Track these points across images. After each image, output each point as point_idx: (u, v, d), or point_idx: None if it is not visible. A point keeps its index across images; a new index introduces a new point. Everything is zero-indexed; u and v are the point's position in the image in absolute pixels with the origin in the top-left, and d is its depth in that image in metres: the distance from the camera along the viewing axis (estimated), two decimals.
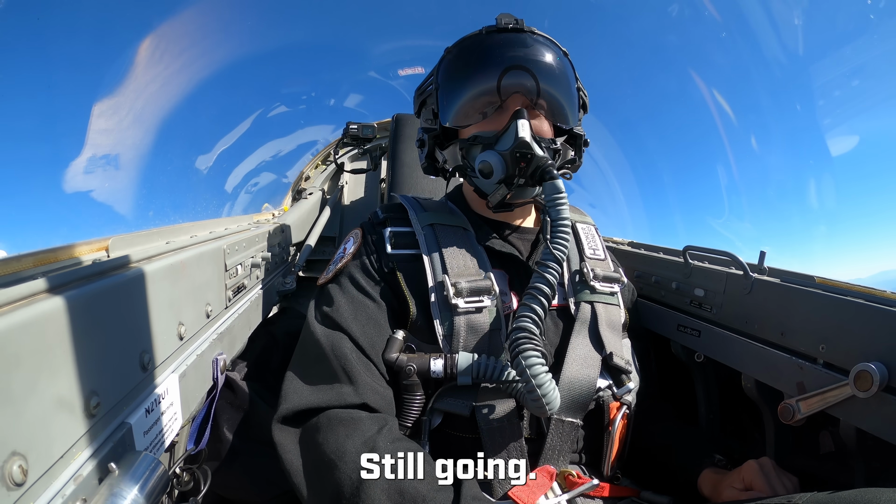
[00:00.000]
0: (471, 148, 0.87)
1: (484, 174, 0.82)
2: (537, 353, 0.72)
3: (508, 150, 0.80)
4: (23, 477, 0.38)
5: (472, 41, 0.89)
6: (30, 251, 0.60)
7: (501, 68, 0.83)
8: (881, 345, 0.75)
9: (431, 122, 0.92)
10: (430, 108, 0.92)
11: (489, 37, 0.88)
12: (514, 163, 0.80)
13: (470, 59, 0.87)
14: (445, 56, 0.92)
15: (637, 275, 1.38)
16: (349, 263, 0.88)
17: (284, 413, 0.76)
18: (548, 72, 0.87)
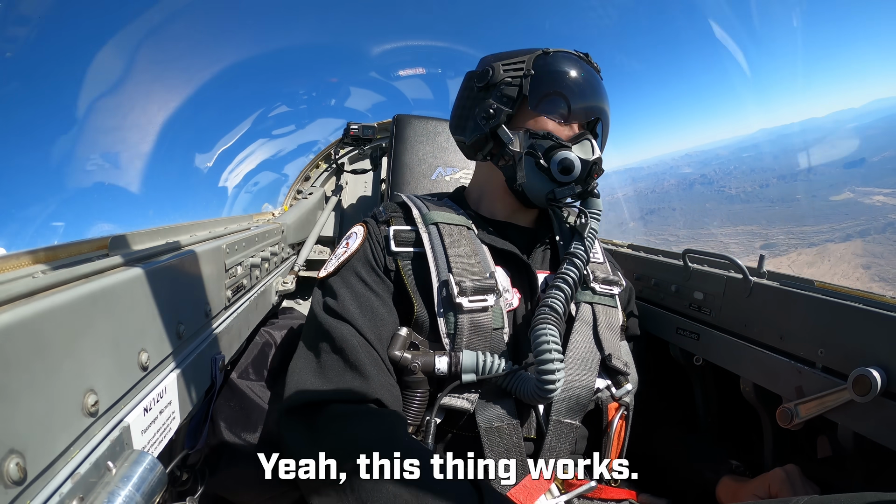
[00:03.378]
0: (542, 140, 0.90)
1: (563, 171, 0.88)
2: (555, 332, 0.78)
3: (590, 160, 0.89)
4: (20, 475, 0.38)
5: (573, 56, 0.96)
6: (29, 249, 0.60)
7: (597, 95, 0.94)
8: (880, 349, 0.75)
9: (507, 102, 0.93)
10: (515, 88, 0.92)
11: (586, 63, 0.96)
12: (588, 171, 0.89)
13: (574, 69, 0.94)
14: (544, 53, 0.95)
15: (636, 277, 1.38)
16: (353, 258, 0.88)
17: (292, 405, 0.76)
18: (608, 116, 0.98)
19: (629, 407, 0.90)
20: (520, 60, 0.95)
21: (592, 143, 0.90)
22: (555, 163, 0.88)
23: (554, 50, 0.96)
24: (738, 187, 60.61)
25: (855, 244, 29.51)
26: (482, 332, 0.82)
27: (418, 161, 1.94)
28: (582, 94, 0.94)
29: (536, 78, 0.93)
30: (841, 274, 25.68)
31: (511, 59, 0.95)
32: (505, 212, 1.01)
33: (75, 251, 0.66)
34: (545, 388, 0.75)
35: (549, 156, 0.89)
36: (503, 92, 0.94)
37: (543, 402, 0.81)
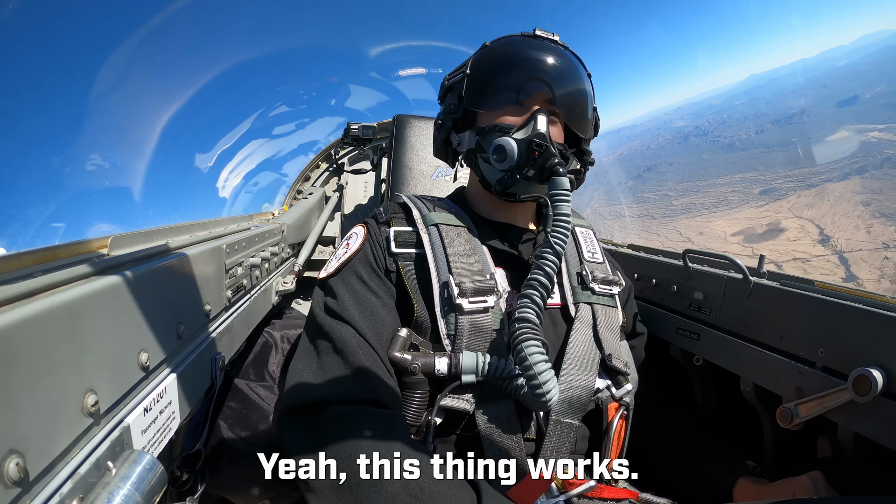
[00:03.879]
0: (487, 135, 0.89)
1: (498, 158, 0.85)
2: (538, 343, 0.74)
3: (526, 138, 0.84)
4: (20, 475, 0.38)
5: (508, 40, 0.93)
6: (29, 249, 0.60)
7: (533, 69, 0.88)
8: (880, 350, 0.75)
9: (455, 107, 0.95)
10: (457, 92, 0.94)
11: (525, 40, 0.92)
12: (528, 151, 0.84)
13: (504, 54, 0.91)
14: (481, 49, 0.95)
15: (637, 277, 1.39)
16: (353, 259, 0.88)
17: (292, 405, 0.75)
18: (571, 83, 0.91)
19: (629, 407, 0.90)
20: (462, 65, 0.97)
21: (537, 119, 0.85)
22: (490, 153, 0.87)
23: (493, 40, 0.95)
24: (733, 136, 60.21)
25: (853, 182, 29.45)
26: (482, 334, 0.82)
27: (418, 161, 1.94)
28: (518, 73, 0.89)
29: (472, 76, 0.93)
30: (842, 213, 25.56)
31: (457, 67, 0.98)
32: (498, 211, 1.01)
33: (75, 251, 0.66)
34: (541, 402, 0.75)
35: (487, 147, 0.88)
36: (448, 100, 0.97)
37: (543, 409, 0.81)
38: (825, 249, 22.80)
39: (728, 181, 40.74)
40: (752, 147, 51.59)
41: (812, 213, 27.47)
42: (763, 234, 27.05)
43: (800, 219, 27.55)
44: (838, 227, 24.34)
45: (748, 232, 28.05)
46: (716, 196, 37.04)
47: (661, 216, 37.64)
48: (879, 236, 22.46)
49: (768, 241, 25.84)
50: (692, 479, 0.92)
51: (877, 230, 23.05)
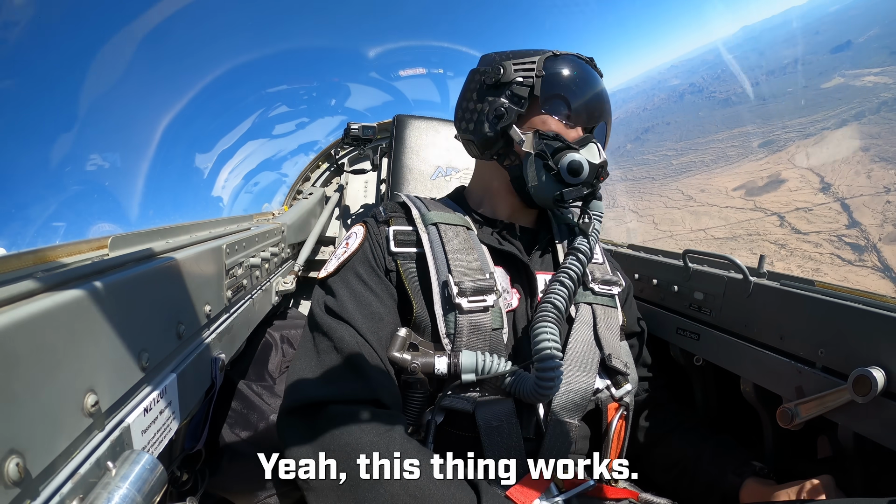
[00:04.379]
0: (551, 142, 0.90)
1: (573, 172, 0.89)
2: (555, 330, 0.79)
3: (597, 163, 0.90)
4: (20, 475, 0.38)
5: (582, 62, 0.97)
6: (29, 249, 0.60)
7: (603, 101, 0.96)
8: (880, 350, 0.75)
9: (519, 102, 0.93)
10: (526, 88, 0.93)
11: (592, 69, 0.98)
12: (595, 174, 0.90)
13: (583, 75, 0.95)
14: (554, 55, 0.95)
15: (637, 277, 1.39)
16: (353, 259, 0.88)
17: (291, 405, 0.75)
18: (610, 121, 1.01)
19: (629, 407, 0.90)
20: (531, 61, 0.94)
21: (598, 147, 0.92)
22: (563, 164, 0.88)
23: (562, 52, 0.97)
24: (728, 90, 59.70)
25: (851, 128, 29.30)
26: (481, 333, 0.82)
27: (418, 161, 1.94)
28: (589, 98, 0.95)
29: (547, 79, 0.93)
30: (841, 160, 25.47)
31: (521, 59, 0.95)
32: (506, 212, 1.01)
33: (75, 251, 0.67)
34: (544, 386, 0.75)
35: (558, 157, 0.89)
36: (514, 91, 0.93)
37: (543, 401, 0.81)
38: (827, 197, 22.68)
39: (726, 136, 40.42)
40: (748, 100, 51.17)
41: (812, 162, 27.28)
42: (764, 186, 26.89)
43: (800, 168, 27.39)
44: (839, 174, 24.17)
45: (749, 185, 27.92)
46: (715, 152, 36.83)
47: (661, 177, 37.48)
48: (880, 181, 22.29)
49: (769, 193, 25.68)
50: (698, 480, 0.91)
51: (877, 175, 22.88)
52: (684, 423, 1.00)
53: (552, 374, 0.75)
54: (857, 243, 18.95)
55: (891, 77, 35.80)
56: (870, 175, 23.18)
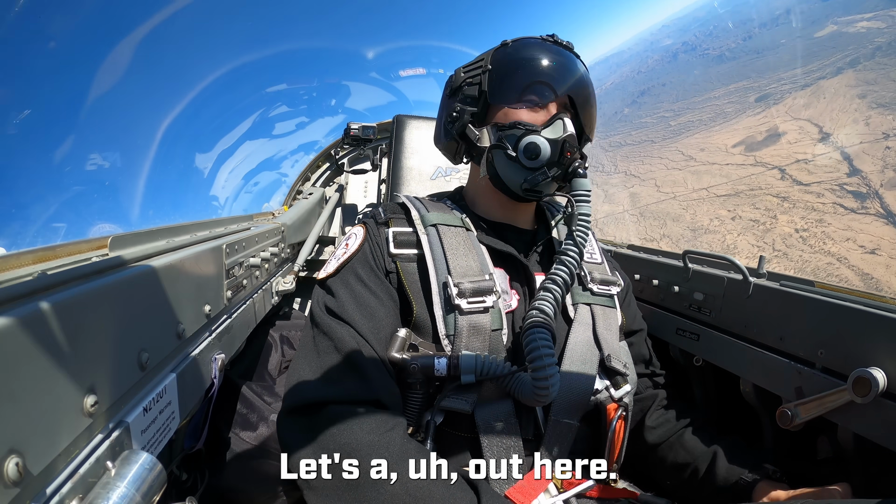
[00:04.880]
0: (510, 131, 0.89)
1: (529, 156, 0.86)
2: (547, 334, 0.76)
3: (559, 139, 0.85)
4: (20, 475, 0.38)
5: (531, 42, 0.95)
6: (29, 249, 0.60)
7: (559, 73, 0.91)
8: (880, 350, 0.75)
9: (472, 101, 0.94)
10: (475, 86, 0.94)
11: (546, 44, 0.94)
12: (560, 151, 0.85)
13: (530, 55, 0.92)
14: (501, 46, 0.95)
15: (637, 278, 1.39)
16: (353, 259, 0.88)
17: (292, 405, 0.75)
18: (588, 91, 0.95)
19: (628, 408, 0.90)
20: (479, 59, 0.96)
21: (564, 122, 0.87)
22: (520, 149, 0.87)
23: (513, 40, 0.96)
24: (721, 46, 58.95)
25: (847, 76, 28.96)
26: (481, 334, 0.82)
27: (418, 161, 1.94)
28: (544, 75, 0.91)
29: (494, 71, 0.93)
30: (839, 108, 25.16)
31: (472, 62, 0.97)
32: (499, 210, 1.00)
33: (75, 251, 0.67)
34: (541, 392, 0.75)
35: (517, 144, 0.88)
36: (465, 93, 0.95)
37: (541, 404, 0.81)
38: (826, 147, 22.44)
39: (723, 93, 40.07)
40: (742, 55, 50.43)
41: (809, 113, 26.96)
42: (763, 140, 26.61)
43: (798, 120, 26.99)
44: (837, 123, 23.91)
45: (748, 141, 27.68)
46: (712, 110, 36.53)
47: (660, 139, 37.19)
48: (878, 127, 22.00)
49: (769, 147, 25.42)
50: (709, 481, 0.90)
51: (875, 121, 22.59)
52: (694, 423, 0.98)
53: (547, 381, 0.74)
54: (858, 191, 18.69)
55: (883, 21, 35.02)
56: (868, 122, 22.87)
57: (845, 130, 23.09)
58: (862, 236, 16.42)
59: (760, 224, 19.36)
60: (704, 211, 22.30)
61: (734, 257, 1.08)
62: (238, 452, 1.04)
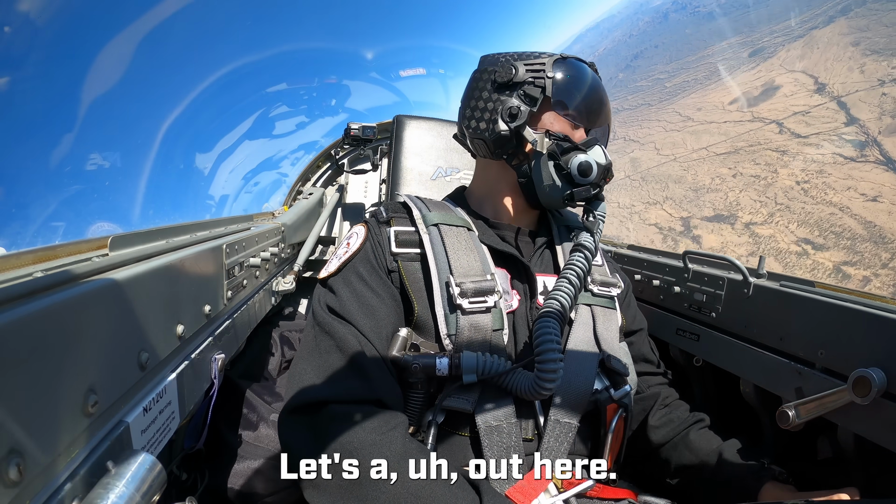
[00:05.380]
0: (561, 143, 0.92)
1: (582, 172, 0.91)
2: (556, 327, 0.79)
3: (604, 164, 0.92)
4: (20, 475, 0.38)
5: (586, 65, 1.00)
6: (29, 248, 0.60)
7: (603, 101, 0.99)
8: (880, 351, 0.75)
9: (531, 102, 0.94)
10: (538, 88, 0.94)
11: (594, 73, 1.01)
12: (604, 175, 0.92)
13: (590, 79, 0.98)
14: (562, 57, 0.98)
15: (637, 278, 1.39)
16: (354, 258, 0.88)
17: (293, 405, 0.75)
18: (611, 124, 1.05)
19: (628, 408, 0.90)
20: (540, 62, 0.95)
21: (603, 149, 0.93)
22: (574, 165, 0.90)
23: (568, 56, 0.99)
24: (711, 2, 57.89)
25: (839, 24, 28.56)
26: (482, 334, 0.82)
27: (418, 161, 1.93)
28: (593, 100, 0.97)
29: (557, 80, 0.94)
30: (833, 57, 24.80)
31: (531, 60, 0.95)
32: (509, 213, 1.00)
33: (75, 251, 0.66)
34: (544, 378, 0.75)
35: (567, 158, 0.91)
36: (526, 91, 0.93)
37: (542, 397, 0.80)
38: (822, 98, 22.25)
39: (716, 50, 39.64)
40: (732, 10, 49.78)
41: (804, 64, 26.63)
42: (759, 95, 26.38)
43: (793, 72, 26.66)
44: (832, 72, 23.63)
45: (745, 97, 27.44)
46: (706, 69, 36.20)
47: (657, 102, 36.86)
48: (873, 73, 21.72)
49: (766, 102, 25.16)
50: (715, 482, 0.89)
51: (870, 68, 22.31)
52: (698, 423, 0.98)
53: (553, 365, 0.75)
54: (857, 139, 18.63)
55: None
56: (863, 69, 22.62)
57: (840, 79, 22.80)
58: (863, 184, 16.30)
59: (761, 179, 19.24)
60: (705, 170, 22.17)
61: (734, 257, 1.08)
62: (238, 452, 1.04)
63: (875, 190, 15.86)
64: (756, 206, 17.87)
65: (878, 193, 15.62)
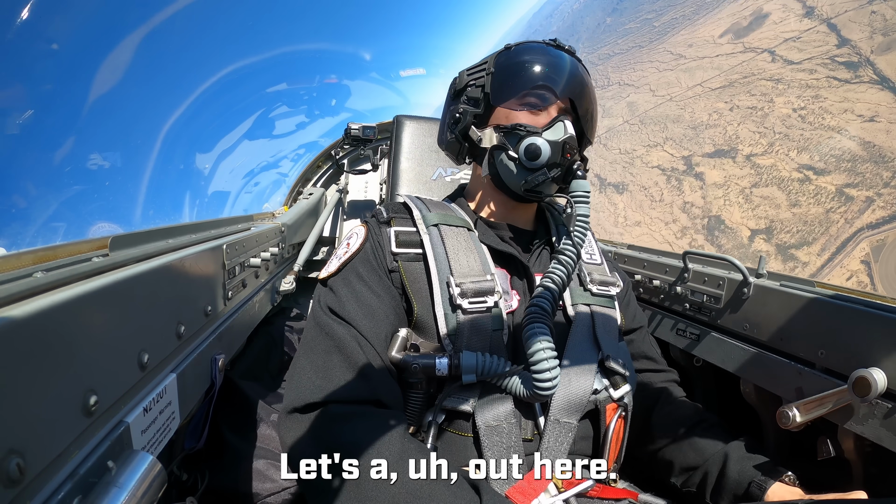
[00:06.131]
0: (511, 133, 0.91)
1: (530, 156, 0.88)
2: (546, 330, 0.78)
3: (559, 140, 0.88)
4: (20, 475, 0.38)
5: (534, 45, 0.97)
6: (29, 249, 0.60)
7: (561, 77, 0.93)
8: (880, 351, 0.75)
9: (474, 104, 0.97)
10: (479, 88, 0.96)
11: (548, 48, 0.97)
12: (560, 152, 0.88)
13: (532, 58, 0.95)
14: (505, 49, 0.98)
15: (636, 278, 1.39)
16: (354, 258, 0.89)
17: (293, 405, 0.75)
18: (589, 96, 0.97)
19: (627, 408, 0.90)
20: (482, 62, 0.99)
21: (565, 124, 0.90)
22: (521, 150, 0.89)
23: (515, 44, 0.98)
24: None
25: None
26: (482, 334, 0.82)
27: (419, 162, 1.94)
28: (546, 79, 0.93)
29: (497, 74, 0.95)
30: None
31: (476, 64, 1.00)
32: (500, 211, 1.01)
33: (75, 251, 0.66)
34: (541, 387, 0.75)
35: (519, 145, 0.90)
36: (468, 95, 0.97)
37: (541, 400, 0.81)
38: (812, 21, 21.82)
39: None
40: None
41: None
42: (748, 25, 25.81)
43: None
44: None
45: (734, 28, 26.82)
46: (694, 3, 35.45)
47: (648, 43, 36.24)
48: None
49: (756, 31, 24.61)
50: (722, 482, 0.88)
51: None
52: (704, 422, 0.97)
53: (548, 374, 0.75)
54: (850, 60, 18.27)
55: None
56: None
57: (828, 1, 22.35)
58: (859, 105, 16.04)
59: (758, 110, 19.00)
60: (702, 107, 21.93)
61: (734, 257, 1.08)
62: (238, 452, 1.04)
63: (871, 110, 15.59)
64: (755, 138, 17.64)
65: (875, 113, 15.35)
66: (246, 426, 1.09)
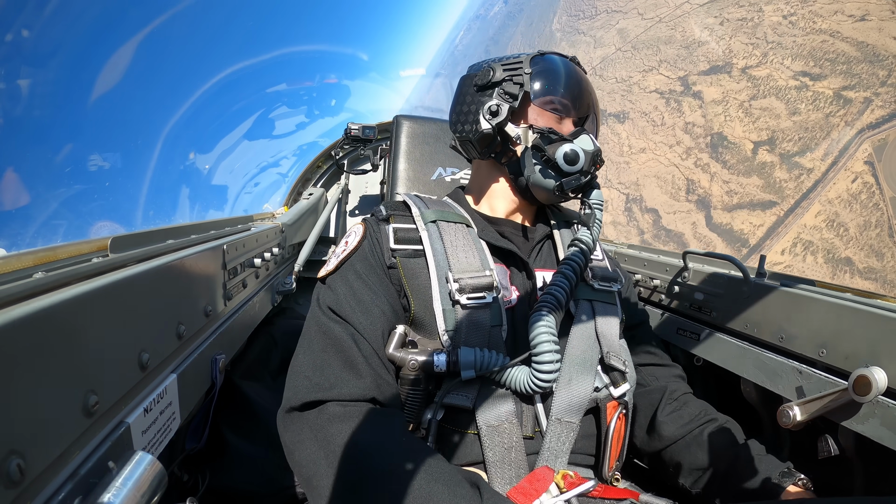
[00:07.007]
0: (546, 135, 0.94)
1: (569, 161, 0.92)
2: (552, 322, 0.79)
3: (591, 151, 0.93)
4: (20, 475, 0.38)
5: (565, 58, 1.03)
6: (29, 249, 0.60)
7: (586, 91, 1.01)
8: (881, 350, 0.75)
9: (510, 99, 0.97)
10: (517, 84, 0.97)
11: (573, 63, 1.04)
12: (592, 162, 0.93)
13: (566, 68, 1.01)
14: (538, 55, 1.01)
15: (637, 278, 1.39)
16: (353, 256, 0.89)
17: (291, 404, 0.76)
18: (598, 113, 1.06)
19: (628, 406, 0.89)
20: (517, 61, 0.99)
21: (591, 137, 0.94)
22: (559, 155, 0.91)
23: (546, 51, 1.02)
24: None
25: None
26: (480, 329, 0.82)
27: (419, 162, 1.94)
28: (575, 91, 0.99)
29: (535, 75, 0.97)
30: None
31: (508, 61, 1.00)
32: (506, 210, 1.01)
33: (75, 251, 0.67)
34: (541, 377, 0.75)
35: (553, 148, 0.92)
36: (505, 89, 0.97)
37: (540, 390, 0.80)
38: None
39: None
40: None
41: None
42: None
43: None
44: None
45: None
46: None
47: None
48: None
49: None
50: (730, 486, 0.86)
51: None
52: (713, 421, 0.95)
53: (549, 357, 0.75)
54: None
55: None
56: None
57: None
58: (849, 6, 15.43)
59: (748, 21, 18.48)
60: (693, 24, 21.32)
61: (735, 257, 1.08)
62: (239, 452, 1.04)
63: (862, 9, 15.03)
64: (749, 50, 17.15)
65: (866, 12, 14.81)
66: (246, 426, 1.09)
